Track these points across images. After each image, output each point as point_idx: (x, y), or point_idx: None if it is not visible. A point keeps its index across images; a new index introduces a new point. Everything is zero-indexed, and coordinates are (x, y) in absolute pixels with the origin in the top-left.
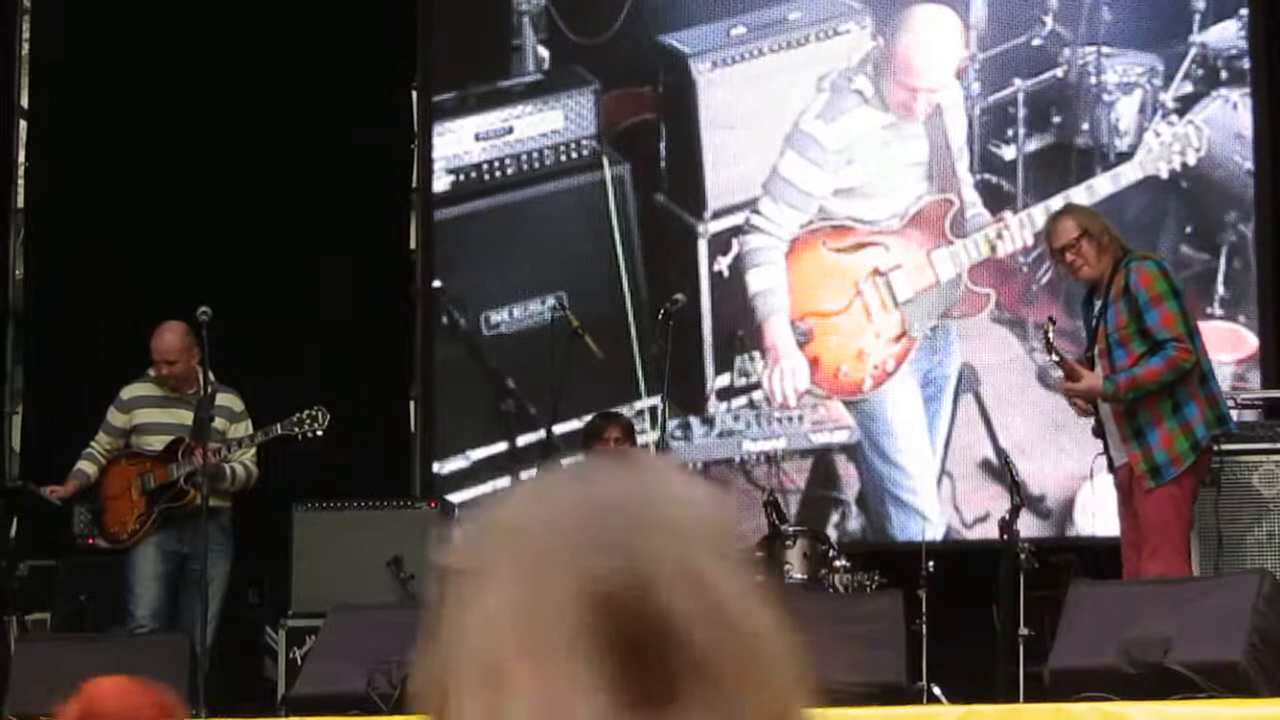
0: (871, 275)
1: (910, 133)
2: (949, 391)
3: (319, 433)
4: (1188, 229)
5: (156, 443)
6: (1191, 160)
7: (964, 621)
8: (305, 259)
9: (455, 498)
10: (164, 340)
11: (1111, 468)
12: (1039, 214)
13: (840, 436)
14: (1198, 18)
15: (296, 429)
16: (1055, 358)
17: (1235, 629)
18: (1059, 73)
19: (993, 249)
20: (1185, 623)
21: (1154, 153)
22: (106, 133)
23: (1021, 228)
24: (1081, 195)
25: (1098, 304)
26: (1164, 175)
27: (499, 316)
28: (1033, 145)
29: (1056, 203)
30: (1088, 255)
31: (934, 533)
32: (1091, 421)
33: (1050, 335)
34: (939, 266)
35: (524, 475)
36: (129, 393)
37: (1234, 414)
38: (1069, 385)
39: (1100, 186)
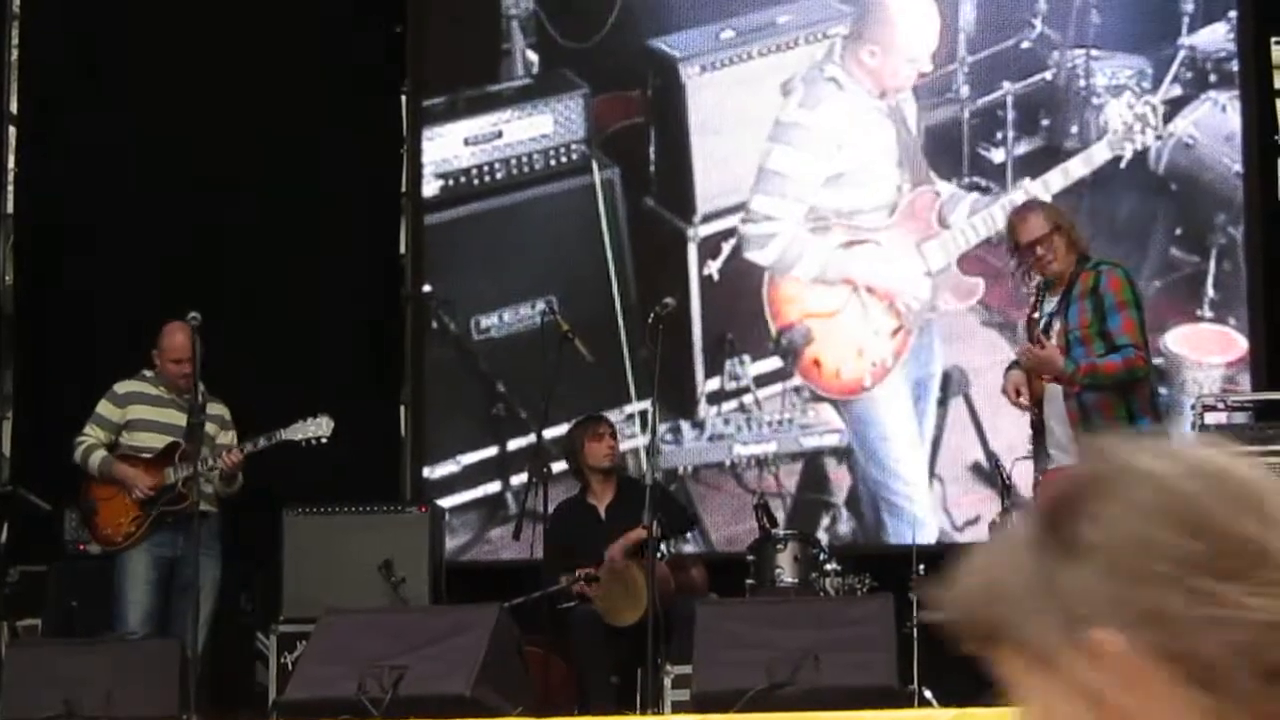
0: (864, 272)
1: (882, 121)
2: (934, 394)
3: (324, 440)
4: (1177, 231)
5: (149, 439)
6: (1150, 140)
7: None
8: (295, 263)
9: (445, 502)
10: (175, 339)
11: (1038, 466)
12: (1021, 197)
13: (831, 440)
14: (1186, 20)
15: (301, 435)
16: (1033, 298)
17: None
18: (1048, 75)
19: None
20: None
21: (1119, 134)
22: (96, 138)
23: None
24: (1057, 179)
25: (1053, 300)
26: (1128, 156)
27: (489, 321)
28: (1021, 148)
29: (1034, 187)
30: (1058, 250)
31: (925, 536)
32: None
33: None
34: (930, 257)
35: (514, 480)
36: (124, 388)
37: (1225, 416)
38: (1030, 349)
39: (1074, 169)
